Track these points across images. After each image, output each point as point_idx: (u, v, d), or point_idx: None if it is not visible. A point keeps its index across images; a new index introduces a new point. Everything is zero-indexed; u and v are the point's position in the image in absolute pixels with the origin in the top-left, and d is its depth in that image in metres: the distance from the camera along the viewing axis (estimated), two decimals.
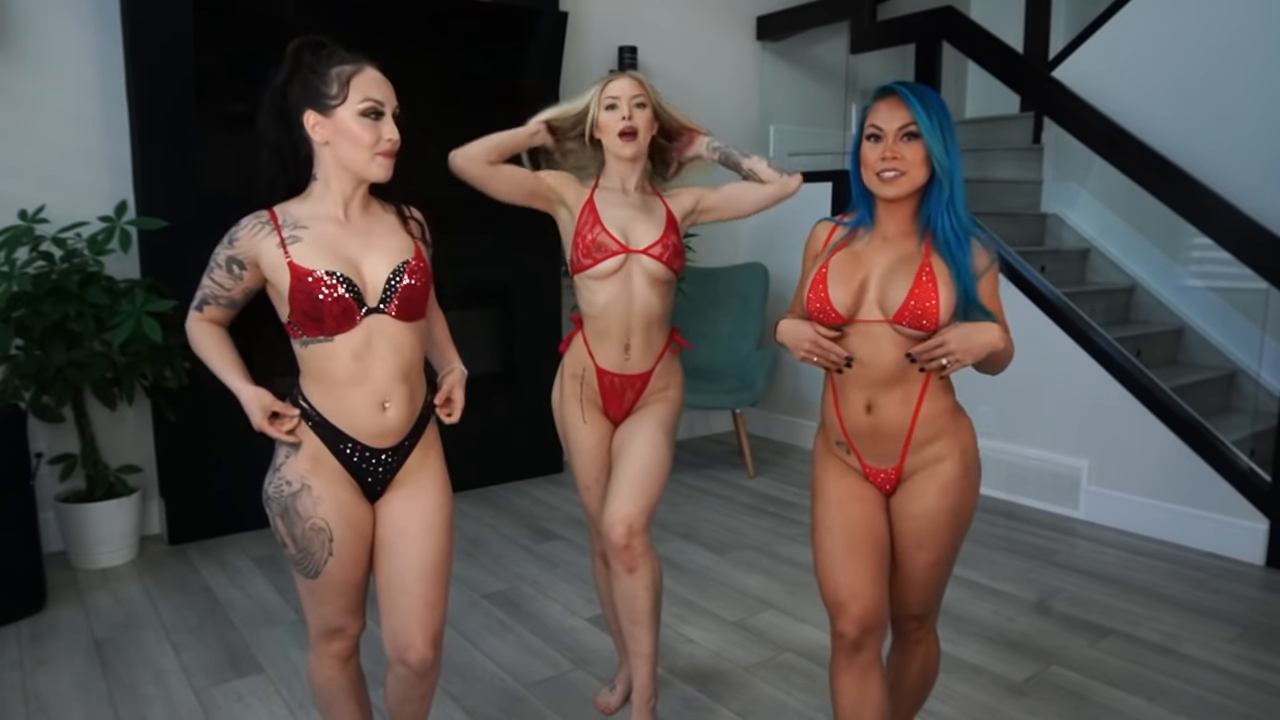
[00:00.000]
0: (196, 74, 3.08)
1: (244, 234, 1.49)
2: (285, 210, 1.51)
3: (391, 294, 1.50)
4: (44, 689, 2.33)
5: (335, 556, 1.52)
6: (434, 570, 1.57)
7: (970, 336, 1.47)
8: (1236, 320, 4.00)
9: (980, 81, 5.17)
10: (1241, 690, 2.34)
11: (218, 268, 1.52)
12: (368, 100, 1.46)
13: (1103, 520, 3.58)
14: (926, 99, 1.52)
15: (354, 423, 1.51)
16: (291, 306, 1.46)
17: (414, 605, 1.54)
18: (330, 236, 1.49)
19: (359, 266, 1.49)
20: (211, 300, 1.55)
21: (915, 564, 1.63)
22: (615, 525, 1.90)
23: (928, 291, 1.49)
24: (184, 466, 3.31)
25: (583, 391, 2.02)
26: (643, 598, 1.96)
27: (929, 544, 1.60)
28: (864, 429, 1.59)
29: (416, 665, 1.55)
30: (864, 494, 1.63)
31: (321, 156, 1.50)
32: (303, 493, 1.49)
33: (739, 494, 4.01)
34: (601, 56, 4.40)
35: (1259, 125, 3.75)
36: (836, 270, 1.57)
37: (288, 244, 1.46)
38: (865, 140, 1.55)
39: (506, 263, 3.91)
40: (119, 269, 3.16)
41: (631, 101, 1.90)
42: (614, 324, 1.95)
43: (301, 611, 2.76)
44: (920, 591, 1.66)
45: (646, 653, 2.01)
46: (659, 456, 1.97)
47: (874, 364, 1.54)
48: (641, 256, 1.91)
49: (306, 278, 1.44)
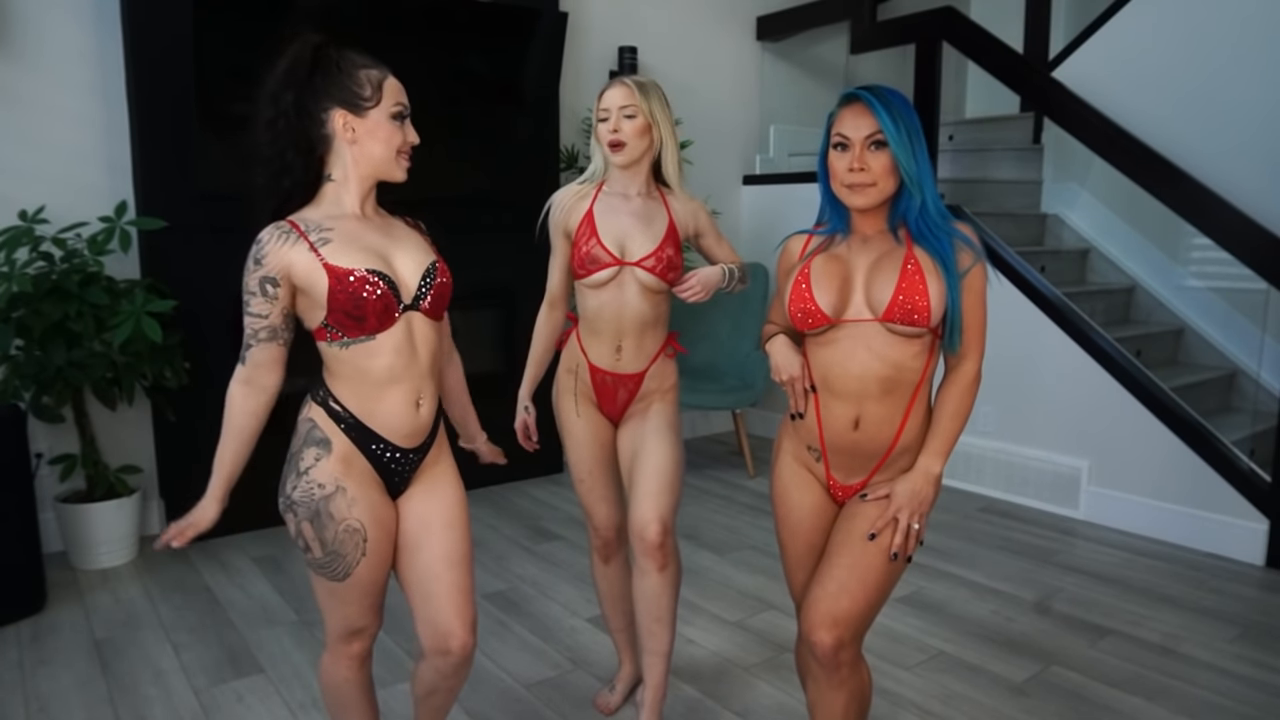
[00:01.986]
0: (196, 74, 3.08)
1: (269, 249, 1.43)
2: (301, 217, 1.48)
3: (427, 291, 1.52)
4: (44, 689, 2.33)
5: (367, 557, 1.52)
6: (463, 559, 1.59)
7: (917, 492, 1.50)
8: (1236, 320, 4.00)
9: (980, 81, 5.17)
10: (1241, 690, 2.34)
11: (252, 297, 1.44)
12: (399, 104, 1.50)
13: (1103, 520, 3.58)
14: (892, 105, 1.46)
15: (388, 423, 1.51)
16: (331, 308, 1.44)
17: (450, 592, 1.56)
18: (357, 233, 1.49)
19: (390, 262, 1.50)
20: (253, 340, 1.46)
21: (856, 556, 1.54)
22: (650, 524, 1.93)
23: (915, 284, 1.46)
24: (184, 466, 3.31)
25: (576, 385, 2.05)
26: (669, 595, 2.00)
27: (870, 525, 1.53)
28: (845, 444, 1.56)
29: (459, 652, 1.56)
30: (823, 514, 1.63)
31: (341, 155, 1.49)
32: (337, 495, 1.49)
33: (739, 494, 4.01)
34: (601, 56, 4.40)
35: (1259, 125, 3.75)
36: (818, 272, 1.54)
37: (318, 246, 1.44)
38: (832, 149, 1.51)
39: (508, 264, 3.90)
40: (119, 269, 3.16)
41: (620, 113, 1.91)
42: (606, 327, 1.98)
43: (302, 612, 2.76)
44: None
45: (664, 650, 2.03)
46: (677, 456, 2.02)
47: (864, 375, 1.51)
48: (635, 269, 1.93)
49: (347, 277, 1.43)
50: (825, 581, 1.52)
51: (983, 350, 1.54)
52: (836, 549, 1.55)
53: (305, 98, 1.45)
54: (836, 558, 1.54)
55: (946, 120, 4.75)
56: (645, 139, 1.93)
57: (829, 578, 1.52)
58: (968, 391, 1.54)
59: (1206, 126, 3.86)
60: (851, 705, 1.58)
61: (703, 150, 4.70)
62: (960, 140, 5.10)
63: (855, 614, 1.50)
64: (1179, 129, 3.85)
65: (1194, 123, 3.88)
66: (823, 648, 1.49)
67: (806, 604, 1.54)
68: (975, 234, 1.53)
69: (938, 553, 3.27)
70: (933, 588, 2.97)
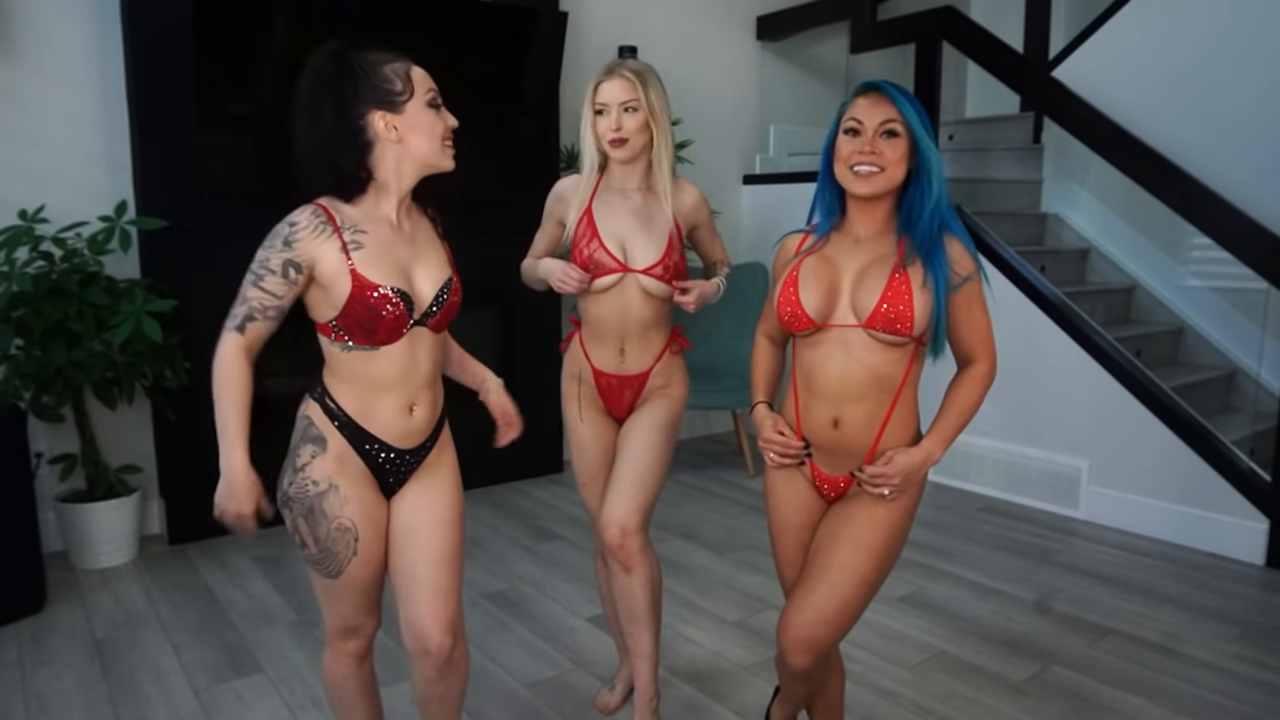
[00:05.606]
0: (196, 74, 3.08)
1: (304, 235, 1.40)
2: (339, 210, 1.45)
3: (436, 309, 1.51)
4: (44, 689, 2.33)
5: (359, 556, 1.52)
6: (446, 559, 1.56)
7: (913, 467, 1.51)
8: (1236, 320, 4.00)
9: (980, 81, 5.17)
10: (1241, 690, 2.34)
11: (270, 274, 1.40)
12: (431, 90, 1.47)
13: (1103, 520, 3.58)
14: (911, 97, 1.49)
15: (381, 425, 1.51)
16: (345, 314, 1.43)
17: (428, 593, 1.54)
18: (388, 244, 1.46)
19: (411, 278, 1.48)
20: (259, 314, 1.41)
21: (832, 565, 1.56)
22: (609, 526, 1.91)
23: (900, 294, 1.46)
24: (184, 466, 3.31)
25: (581, 391, 2.03)
26: (640, 597, 1.96)
27: (859, 542, 1.54)
28: (826, 442, 1.57)
29: (436, 654, 1.53)
30: (812, 512, 1.63)
31: (384, 157, 1.46)
32: (330, 493, 1.49)
33: (739, 494, 4.01)
34: (601, 56, 4.39)
35: (1259, 125, 3.75)
36: (808, 273, 1.54)
37: (350, 250, 1.41)
38: (842, 134, 1.51)
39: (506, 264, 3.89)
40: (119, 269, 3.17)
41: (620, 107, 1.85)
42: (609, 331, 1.96)
43: (302, 611, 2.76)
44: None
45: (647, 652, 2.01)
46: (653, 456, 1.96)
47: (844, 378, 1.51)
48: (640, 275, 1.90)
49: (371, 292, 1.41)
50: (804, 607, 1.54)
51: (992, 350, 1.55)
52: (817, 571, 1.55)
53: (340, 107, 1.41)
54: (814, 581, 1.54)
55: (946, 120, 4.76)
56: (646, 133, 1.89)
57: (808, 604, 1.54)
58: (979, 386, 1.54)
59: (1206, 126, 3.86)
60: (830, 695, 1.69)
61: (703, 150, 4.70)
62: (960, 140, 5.10)
63: (829, 640, 1.56)
64: (1179, 128, 3.85)
65: (1194, 122, 3.88)
66: (798, 669, 1.57)
67: (784, 622, 1.56)
68: (960, 244, 1.51)
69: (938, 553, 3.27)
70: (933, 588, 2.97)
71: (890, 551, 1.56)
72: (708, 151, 4.78)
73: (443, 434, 1.63)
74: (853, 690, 2.26)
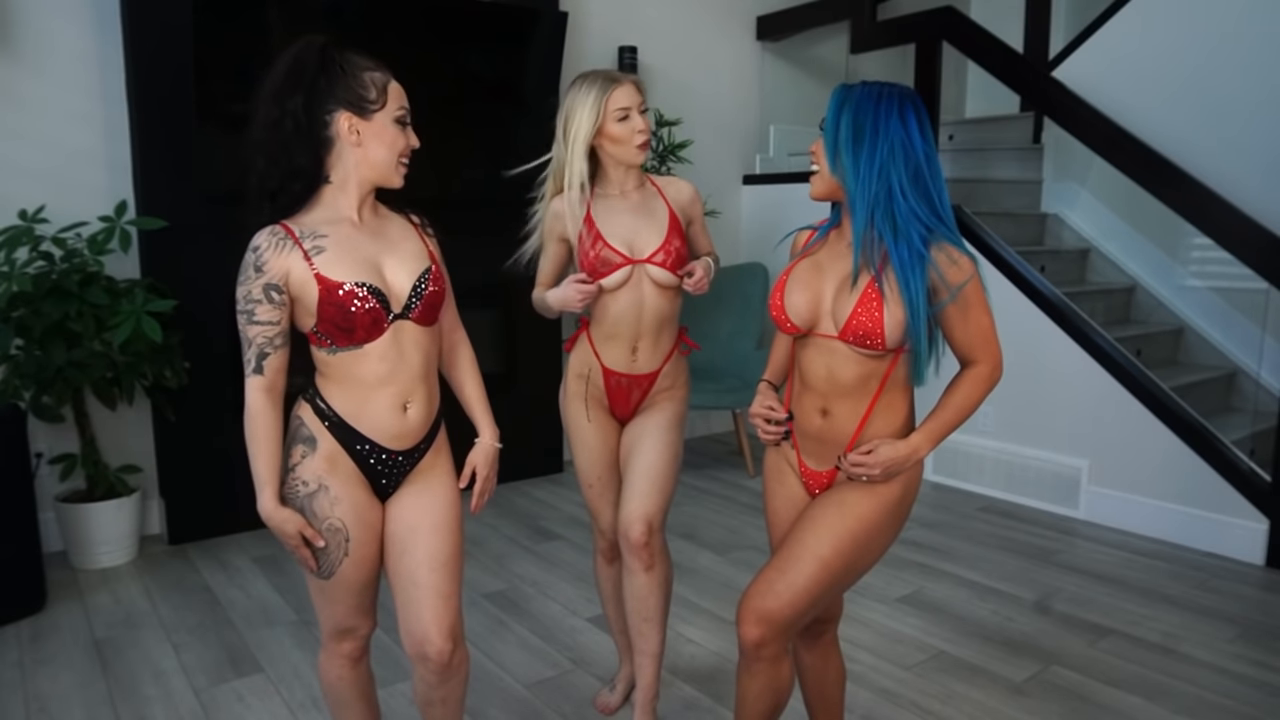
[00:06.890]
0: (196, 74, 3.08)
1: (269, 254, 1.42)
2: (297, 222, 1.47)
3: (416, 301, 1.51)
4: (44, 689, 2.33)
5: (350, 557, 1.52)
6: (446, 563, 1.56)
7: (896, 461, 1.49)
8: (1236, 320, 4.00)
9: (980, 81, 5.17)
10: (1241, 690, 2.34)
11: (257, 304, 1.42)
12: (402, 108, 1.49)
13: (1102, 520, 3.58)
14: (851, 101, 1.43)
15: (375, 425, 1.51)
16: (320, 318, 1.44)
17: (426, 596, 1.54)
18: (351, 241, 1.47)
19: (381, 271, 1.49)
20: (269, 348, 1.44)
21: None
22: (635, 523, 1.92)
23: (871, 309, 1.43)
24: (184, 466, 3.30)
25: (588, 390, 2.03)
26: (657, 596, 1.99)
27: (824, 527, 1.53)
28: (814, 430, 1.58)
29: (436, 659, 1.53)
30: (799, 506, 1.63)
31: (342, 158, 1.47)
32: (320, 493, 1.49)
33: (739, 494, 4.01)
34: (601, 56, 4.40)
35: (1259, 124, 3.75)
36: (797, 278, 1.54)
37: (311, 256, 1.43)
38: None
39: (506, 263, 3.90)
40: (119, 269, 3.17)
41: (639, 109, 1.92)
42: (624, 329, 1.97)
43: (302, 611, 2.76)
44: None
45: (654, 651, 2.03)
46: (671, 455, 2.00)
47: (831, 378, 1.52)
48: (648, 265, 1.92)
49: (336, 290, 1.42)
50: (759, 579, 1.54)
51: (994, 351, 1.51)
52: (781, 550, 1.56)
53: (311, 99, 1.43)
54: (775, 558, 1.56)
55: (946, 120, 4.76)
56: None
57: (763, 576, 1.54)
58: (976, 386, 1.51)
59: (1206, 126, 3.86)
60: (765, 697, 1.64)
61: (703, 150, 4.70)
62: (960, 140, 5.10)
63: (777, 615, 1.51)
64: (1179, 128, 3.85)
65: (1194, 122, 3.88)
66: (746, 642, 1.55)
67: (744, 593, 1.56)
68: (957, 250, 1.44)
69: (938, 553, 3.27)
70: (933, 588, 2.97)
71: (858, 541, 1.52)
72: (708, 151, 4.78)
73: (438, 437, 1.63)
74: (853, 690, 2.26)
